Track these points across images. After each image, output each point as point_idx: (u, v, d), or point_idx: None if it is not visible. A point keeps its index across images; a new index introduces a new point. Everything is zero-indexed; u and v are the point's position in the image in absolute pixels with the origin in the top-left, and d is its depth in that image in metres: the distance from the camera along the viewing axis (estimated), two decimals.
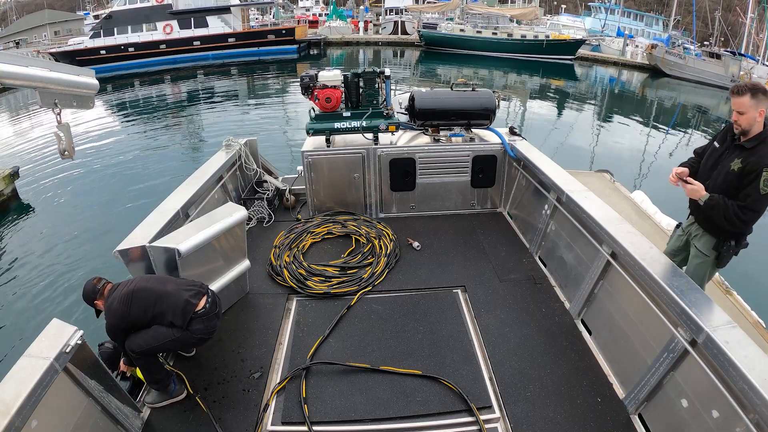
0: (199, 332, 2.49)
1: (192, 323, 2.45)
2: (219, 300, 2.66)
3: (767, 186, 2.40)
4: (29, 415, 1.81)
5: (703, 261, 2.84)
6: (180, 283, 2.59)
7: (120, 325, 2.43)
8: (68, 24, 47.54)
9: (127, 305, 2.41)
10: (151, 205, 3.42)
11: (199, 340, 2.55)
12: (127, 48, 28.39)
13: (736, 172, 2.53)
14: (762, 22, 33.25)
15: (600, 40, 34.07)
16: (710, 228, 2.76)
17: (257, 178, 5.08)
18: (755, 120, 2.48)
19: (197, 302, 2.48)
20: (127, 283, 2.54)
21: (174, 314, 2.42)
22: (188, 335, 2.47)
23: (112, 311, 2.42)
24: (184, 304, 2.44)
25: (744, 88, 2.47)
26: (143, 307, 2.42)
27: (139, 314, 2.42)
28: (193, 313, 2.44)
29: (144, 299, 2.44)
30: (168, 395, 2.60)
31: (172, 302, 2.45)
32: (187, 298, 2.46)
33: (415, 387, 2.67)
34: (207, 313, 2.50)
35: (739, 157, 2.54)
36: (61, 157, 2.57)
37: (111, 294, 2.49)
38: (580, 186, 3.56)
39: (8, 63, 2.18)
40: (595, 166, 10.83)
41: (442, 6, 35.42)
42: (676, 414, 2.25)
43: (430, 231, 4.40)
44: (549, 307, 3.33)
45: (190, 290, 2.52)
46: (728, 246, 2.72)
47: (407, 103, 4.78)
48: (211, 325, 2.54)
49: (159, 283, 2.55)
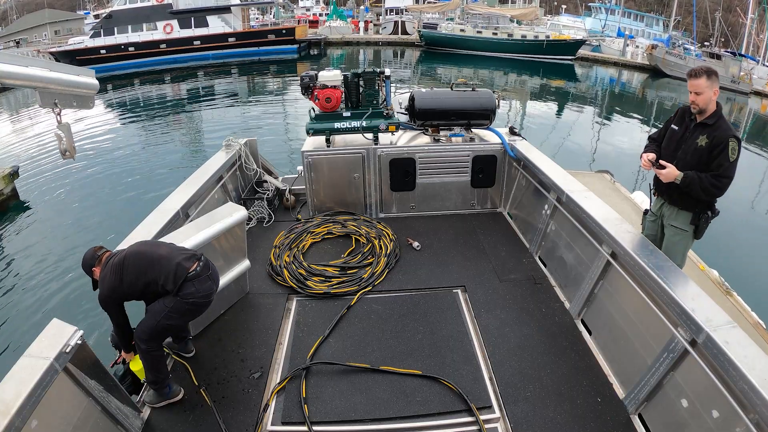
0: (190, 296, 2.41)
1: (183, 287, 2.39)
2: (214, 266, 2.60)
3: (734, 153, 2.66)
4: (29, 415, 1.81)
5: (682, 237, 2.99)
6: (173, 248, 2.55)
7: (112, 296, 2.38)
8: (68, 23, 47.52)
9: (118, 274, 2.37)
10: (151, 205, 3.43)
11: (192, 306, 2.46)
12: (128, 47, 28.37)
13: (704, 147, 2.74)
14: (762, 23, 33.27)
15: (600, 40, 34.05)
16: (684, 204, 2.91)
17: (257, 178, 5.08)
18: (711, 99, 2.72)
19: (189, 265, 2.43)
20: (121, 251, 2.50)
21: (166, 278, 2.37)
22: (180, 302, 2.40)
23: (105, 281, 2.38)
24: (175, 267, 2.40)
25: (700, 71, 2.70)
26: (135, 273, 2.38)
27: (131, 280, 2.37)
28: (185, 276, 2.39)
29: (136, 265, 2.40)
30: (164, 397, 2.59)
31: (164, 266, 2.40)
32: (180, 261, 2.43)
33: (415, 387, 2.67)
34: (199, 275, 2.43)
35: (703, 133, 2.76)
36: (63, 158, 2.57)
37: (108, 262, 2.44)
38: (580, 186, 3.56)
39: (8, 63, 2.18)
40: (595, 166, 10.82)
41: (442, 6, 35.41)
42: (676, 414, 2.25)
43: (430, 231, 4.40)
44: (549, 307, 3.33)
45: (182, 254, 2.49)
46: (705, 217, 2.88)
47: (407, 103, 4.79)
48: (203, 288, 2.46)
49: (152, 247, 2.52)
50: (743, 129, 18.82)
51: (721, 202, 2.91)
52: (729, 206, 9.37)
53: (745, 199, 10.30)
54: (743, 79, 24.62)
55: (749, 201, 10.34)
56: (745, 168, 12.35)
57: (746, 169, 12.56)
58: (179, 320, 2.54)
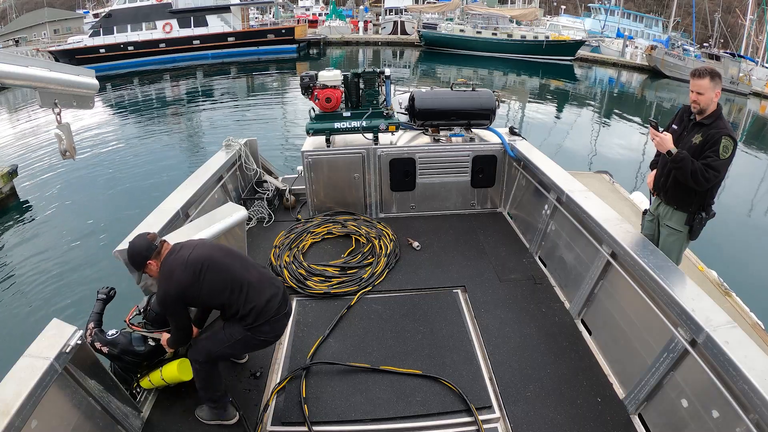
0: (263, 335, 2.23)
1: (260, 324, 2.20)
2: (286, 291, 2.40)
3: (726, 152, 2.64)
4: (29, 415, 1.81)
5: (677, 237, 3.00)
6: (261, 273, 2.29)
7: (181, 296, 2.10)
8: (68, 22, 47.43)
9: (196, 276, 2.07)
10: (151, 205, 3.42)
11: (261, 343, 2.29)
12: (127, 47, 28.32)
13: (698, 144, 2.76)
14: (761, 24, 33.31)
15: (600, 41, 34.06)
16: (679, 204, 2.93)
17: (257, 178, 5.08)
18: (712, 100, 2.74)
19: (277, 305, 2.22)
20: (191, 247, 2.18)
21: (247, 312, 2.14)
22: (250, 338, 2.20)
23: (173, 278, 2.09)
24: (264, 304, 2.17)
25: (704, 72, 2.72)
26: (217, 288, 2.12)
27: (209, 293, 2.11)
28: (269, 318, 2.19)
29: (219, 280, 2.12)
30: (217, 417, 2.44)
31: (251, 297, 2.16)
32: (269, 297, 2.21)
33: (415, 387, 2.67)
34: (278, 313, 2.25)
35: (699, 132, 2.79)
36: (63, 158, 2.55)
37: (171, 255, 2.15)
38: (580, 186, 3.56)
39: (8, 63, 2.17)
40: (594, 167, 10.83)
41: (442, 6, 35.39)
42: (676, 414, 2.25)
43: (430, 231, 4.40)
44: (549, 307, 3.33)
45: (271, 286, 2.26)
46: (699, 218, 2.89)
47: (407, 103, 4.78)
48: (278, 327, 2.31)
49: (239, 265, 2.23)
50: (742, 130, 18.85)
51: (720, 202, 2.93)
52: (728, 207, 9.44)
53: (744, 200, 10.32)
54: (742, 80, 24.61)
55: (748, 201, 10.35)
56: (744, 168, 12.42)
57: (745, 169, 12.59)
58: (241, 351, 2.43)
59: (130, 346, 2.47)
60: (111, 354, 2.45)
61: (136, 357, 2.49)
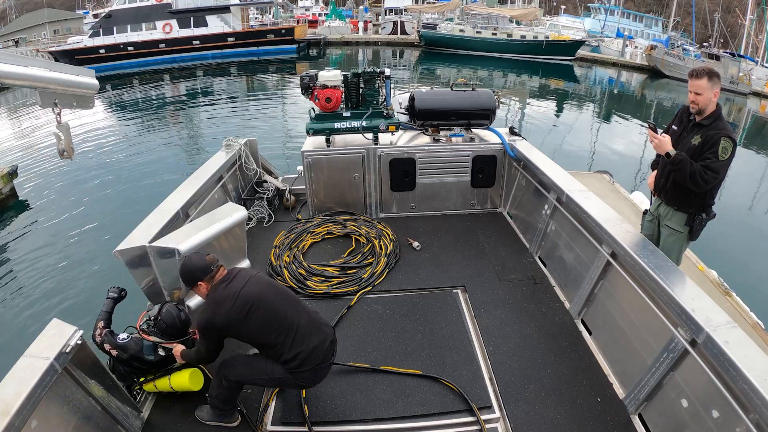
0: (303, 380, 2.18)
1: (303, 370, 2.13)
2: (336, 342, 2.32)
3: (725, 153, 2.63)
4: (29, 415, 1.81)
5: (677, 237, 3.00)
6: (313, 319, 2.22)
7: (224, 329, 2.08)
8: (68, 23, 47.43)
9: (245, 313, 2.04)
10: (151, 205, 3.41)
11: (297, 386, 2.25)
12: (127, 47, 28.33)
13: (697, 146, 2.75)
14: (761, 24, 33.32)
15: (599, 41, 34.08)
16: (680, 205, 2.93)
17: (257, 178, 5.07)
18: (710, 100, 2.73)
19: (322, 354, 2.16)
20: (244, 279, 2.14)
21: (292, 356, 2.08)
22: (289, 378, 2.14)
23: (221, 310, 2.06)
24: (310, 351, 2.10)
25: (702, 72, 2.70)
26: (265, 329, 2.07)
27: (255, 331, 2.08)
28: (314, 365, 2.14)
29: (267, 320, 2.07)
30: (217, 419, 2.43)
31: (297, 342, 2.09)
32: (317, 344, 2.14)
33: (415, 387, 2.67)
34: (323, 361, 2.18)
35: (698, 133, 2.78)
36: (60, 157, 2.55)
37: (223, 283, 2.11)
38: (580, 186, 3.56)
39: (8, 63, 2.17)
40: (594, 167, 10.83)
41: (441, 6, 35.40)
42: (676, 414, 2.25)
43: (430, 231, 4.40)
44: (549, 307, 3.34)
45: (319, 333, 2.18)
46: (700, 219, 2.89)
47: (407, 103, 4.78)
48: (320, 375, 2.23)
49: (290, 308, 2.16)
50: (742, 130, 18.85)
51: (720, 202, 2.93)
52: (728, 207, 9.44)
53: (744, 200, 10.32)
54: (742, 80, 24.62)
55: (748, 201, 10.36)
56: (744, 168, 12.42)
57: (745, 169, 12.58)
58: (273, 387, 2.39)
59: (140, 354, 2.47)
60: (119, 357, 2.45)
61: (143, 364, 2.50)
